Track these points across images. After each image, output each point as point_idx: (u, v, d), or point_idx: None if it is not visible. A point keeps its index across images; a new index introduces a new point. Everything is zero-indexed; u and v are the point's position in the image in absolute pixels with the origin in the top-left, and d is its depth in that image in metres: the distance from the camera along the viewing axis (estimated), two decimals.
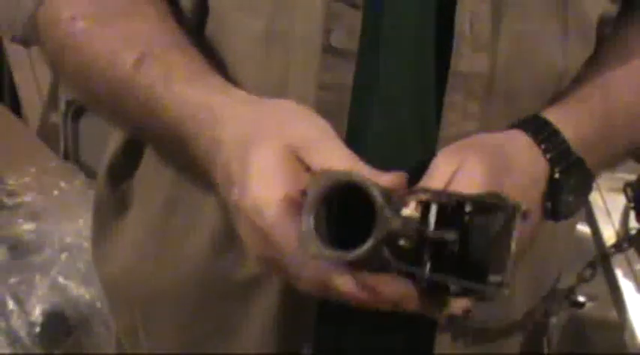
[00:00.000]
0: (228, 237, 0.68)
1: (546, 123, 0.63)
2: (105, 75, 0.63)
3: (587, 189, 0.64)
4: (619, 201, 0.97)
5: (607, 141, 0.66)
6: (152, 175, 0.75)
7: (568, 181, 0.61)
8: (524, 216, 0.48)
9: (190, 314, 0.76)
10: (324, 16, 0.62)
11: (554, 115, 0.63)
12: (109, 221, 0.80)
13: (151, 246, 0.76)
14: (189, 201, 0.72)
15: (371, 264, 0.50)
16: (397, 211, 0.48)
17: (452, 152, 0.60)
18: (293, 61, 0.63)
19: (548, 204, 0.61)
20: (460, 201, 0.49)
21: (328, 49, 0.62)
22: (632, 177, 0.96)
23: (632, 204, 0.94)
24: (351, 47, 0.62)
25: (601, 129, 0.66)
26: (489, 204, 0.49)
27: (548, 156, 0.61)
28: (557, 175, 0.61)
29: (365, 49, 0.63)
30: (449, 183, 0.57)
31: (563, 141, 0.62)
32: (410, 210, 0.49)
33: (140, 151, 0.76)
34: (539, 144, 0.62)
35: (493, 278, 0.48)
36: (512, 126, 0.64)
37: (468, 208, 0.49)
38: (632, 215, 0.94)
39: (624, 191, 0.94)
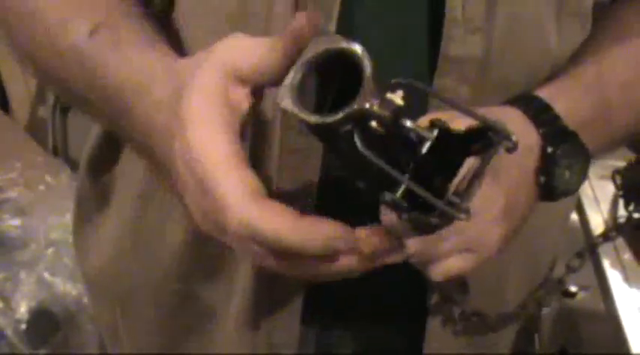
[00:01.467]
0: (202, 232, 0.67)
1: (537, 99, 0.61)
2: (55, 42, 0.60)
3: (584, 165, 0.61)
4: (608, 189, 0.95)
5: (603, 117, 0.64)
6: (129, 169, 0.74)
7: (562, 155, 0.59)
8: (510, 149, 0.46)
9: (168, 309, 0.75)
10: None
11: (546, 92, 0.62)
12: (90, 215, 0.79)
13: (129, 241, 0.75)
14: (163, 195, 0.70)
15: (335, 143, 0.47)
16: (382, 92, 0.45)
17: (440, 115, 0.57)
18: None
19: (542, 179, 0.59)
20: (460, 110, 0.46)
21: None
22: (621, 165, 0.95)
23: (620, 192, 0.92)
24: (329, 29, 0.60)
25: (596, 105, 0.64)
26: (484, 122, 0.46)
27: (540, 130, 0.59)
28: (550, 149, 0.59)
29: (344, 32, 0.60)
30: None
31: (556, 117, 0.60)
32: (396, 96, 0.45)
33: (119, 144, 0.74)
34: (531, 119, 0.60)
35: (453, 198, 0.45)
36: (502, 104, 0.62)
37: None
38: (621, 203, 0.92)
39: (613, 179, 0.92)
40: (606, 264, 0.81)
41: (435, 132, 0.45)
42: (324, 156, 0.62)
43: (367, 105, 0.44)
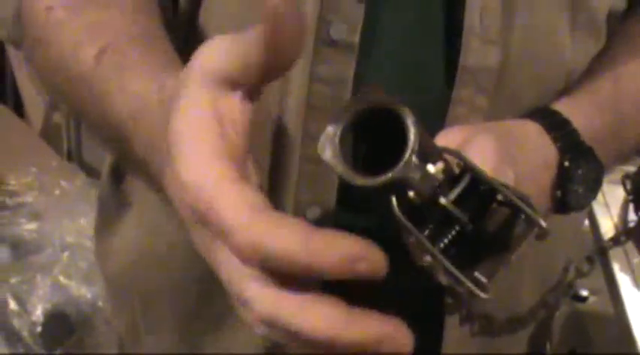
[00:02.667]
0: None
1: (555, 113, 0.61)
2: (68, 70, 0.59)
3: (597, 181, 0.61)
4: (618, 194, 0.96)
5: (616, 135, 0.65)
6: None
7: (577, 171, 0.59)
8: (540, 235, 0.45)
9: (189, 308, 0.76)
10: (321, 8, 0.60)
11: (563, 106, 0.62)
12: (112, 220, 0.81)
13: (149, 244, 0.76)
14: None
15: (371, 196, 0.46)
16: (424, 162, 0.44)
17: (460, 128, 0.57)
18: None
19: (558, 193, 0.59)
20: (494, 186, 0.45)
21: (327, 42, 0.61)
22: (632, 169, 0.95)
23: (630, 197, 0.93)
24: (353, 40, 0.61)
25: (610, 123, 0.64)
26: (518, 206, 0.45)
27: (558, 144, 0.59)
28: (567, 163, 0.59)
29: (366, 43, 0.61)
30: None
31: (573, 131, 0.60)
32: (435, 169, 0.45)
33: None
34: (548, 132, 0.60)
35: (479, 275, 0.46)
36: (520, 117, 0.62)
37: (498, 196, 0.45)
38: (632, 207, 0.93)
39: (623, 183, 0.93)
40: (616, 267, 0.82)
41: (466, 218, 0.45)
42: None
43: (410, 176, 0.43)
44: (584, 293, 1.31)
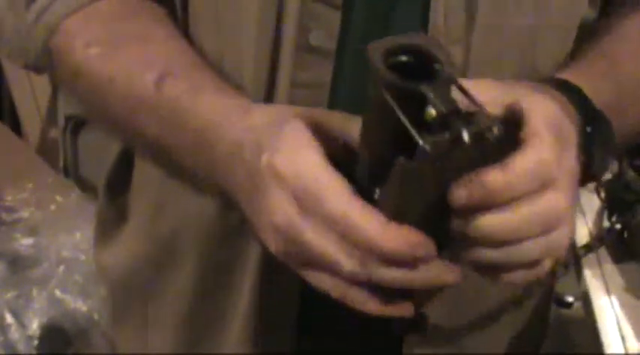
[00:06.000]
0: (218, 235, 0.71)
1: (568, 82, 0.62)
2: (123, 96, 0.64)
3: (613, 146, 0.62)
4: (595, 200, 0.97)
5: (619, 107, 0.65)
6: (142, 185, 0.78)
7: (596, 134, 0.59)
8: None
9: (184, 314, 0.79)
10: (301, 15, 0.63)
11: (569, 76, 0.63)
12: (110, 232, 0.84)
13: (146, 252, 0.79)
14: (176, 205, 0.74)
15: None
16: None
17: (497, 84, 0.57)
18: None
19: (582, 158, 0.58)
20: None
21: (307, 48, 0.64)
22: (606, 177, 0.97)
23: (604, 204, 0.94)
24: (330, 46, 0.64)
25: (613, 93, 0.65)
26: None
27: (578, 110, 0.59)
28: (588, 129, 0.59)
29: (342, 48, 0.64)
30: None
31: (587, 98, 0.61)
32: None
33: (132, 166, 0.79)
34: (569, 100, 0.60)
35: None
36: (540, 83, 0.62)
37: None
38: (606, 214, 0.95)
39: (596, 191, 0.94)
40: (588, 274, 0.84)
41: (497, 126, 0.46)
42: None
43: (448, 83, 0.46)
44: (570, 299, 1.33)
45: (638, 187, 0.92)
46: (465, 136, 0.45)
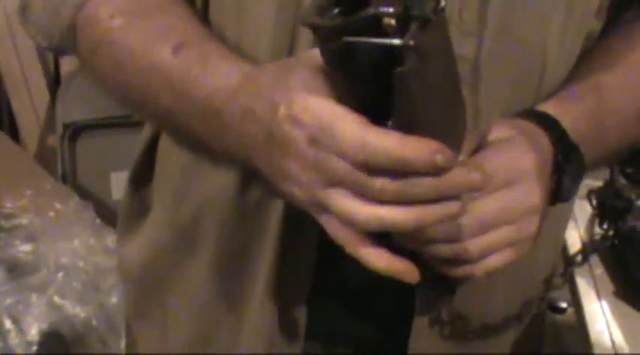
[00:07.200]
0: (235, 218, 0.73)
1: (546, 114, 0.66)
2: (140, 65, 0.66)
3: (581, 176, 0.66)
4: (586, 207, 0.98)
5: (598, 141, 0.69)
6: (164, 174, 0.81)
7: (567, 166, 0.64)
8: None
9: (202, 302, 0.80)
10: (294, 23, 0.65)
11: (551, 109, 0.66)
12: (132, 226, 0.86)
13: (167, 241, 0.81)
14: (196, 190, 0.76)
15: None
16: None
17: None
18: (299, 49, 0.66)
19: (552, 185, 0.64)
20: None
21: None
22: (597, 184, 0.98)
23: (596, 211, 0.95)
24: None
25: (593, 128, 0.68)
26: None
27: (552, 140, 0.64)
28: (560, 157, 0.64)
29: None
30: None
31: (563, 131, 0.65)
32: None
33: (154, 161, 0.82)
34: (543, 130, 0.64)
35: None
36: (514, 118, 0.66)
37: None
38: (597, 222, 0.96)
39: (588, 198, 0.95)
40: (579, 280, 0.85)
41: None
42: None
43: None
44: (564, 304, 1.34)
45: (629, 194, 0.93)
46: (428, 13, 0.48)
